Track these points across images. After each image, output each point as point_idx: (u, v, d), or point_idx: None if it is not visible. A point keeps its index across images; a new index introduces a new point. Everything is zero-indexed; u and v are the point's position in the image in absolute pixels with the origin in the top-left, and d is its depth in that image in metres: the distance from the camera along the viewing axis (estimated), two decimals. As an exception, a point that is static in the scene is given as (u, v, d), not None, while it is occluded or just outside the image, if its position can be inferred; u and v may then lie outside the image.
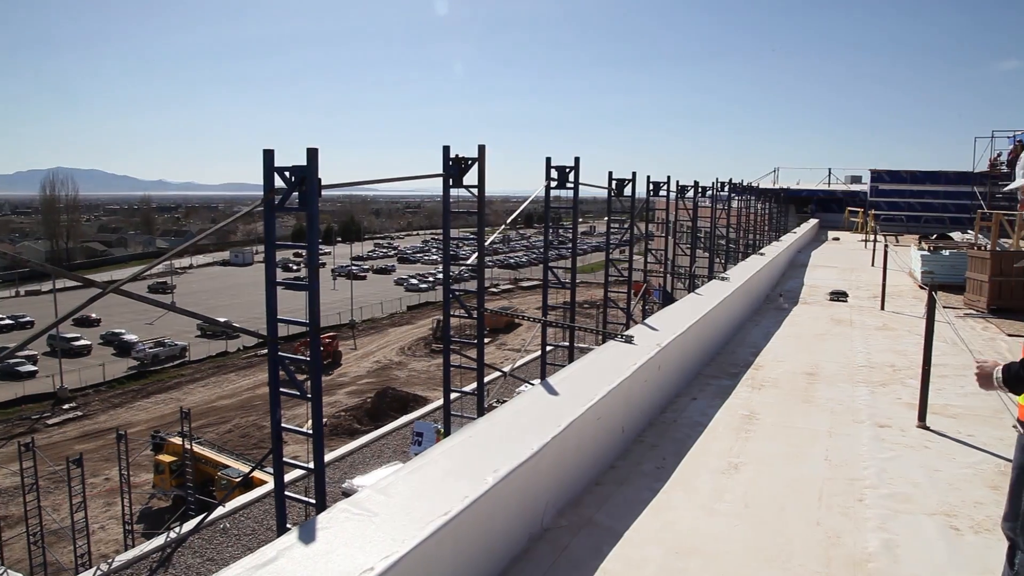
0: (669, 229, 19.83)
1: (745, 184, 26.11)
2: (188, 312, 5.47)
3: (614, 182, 11.58)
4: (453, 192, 7.37)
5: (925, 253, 17.01)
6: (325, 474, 5.28)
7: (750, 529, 4.27)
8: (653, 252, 14.19)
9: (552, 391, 5.09)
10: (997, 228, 22.11)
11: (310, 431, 5.33)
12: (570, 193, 10.19)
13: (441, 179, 7.23)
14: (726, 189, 20.09)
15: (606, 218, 13.92)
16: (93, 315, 55.12)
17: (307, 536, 2.98)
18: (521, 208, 9.46)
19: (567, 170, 9.31)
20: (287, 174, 5.10)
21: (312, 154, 4.99)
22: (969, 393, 7.06)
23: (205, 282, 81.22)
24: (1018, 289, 12.14)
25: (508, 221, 9.36)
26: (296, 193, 5.10)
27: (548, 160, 9.38)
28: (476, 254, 7.21)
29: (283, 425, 5.42)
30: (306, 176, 4.96)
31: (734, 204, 21.20)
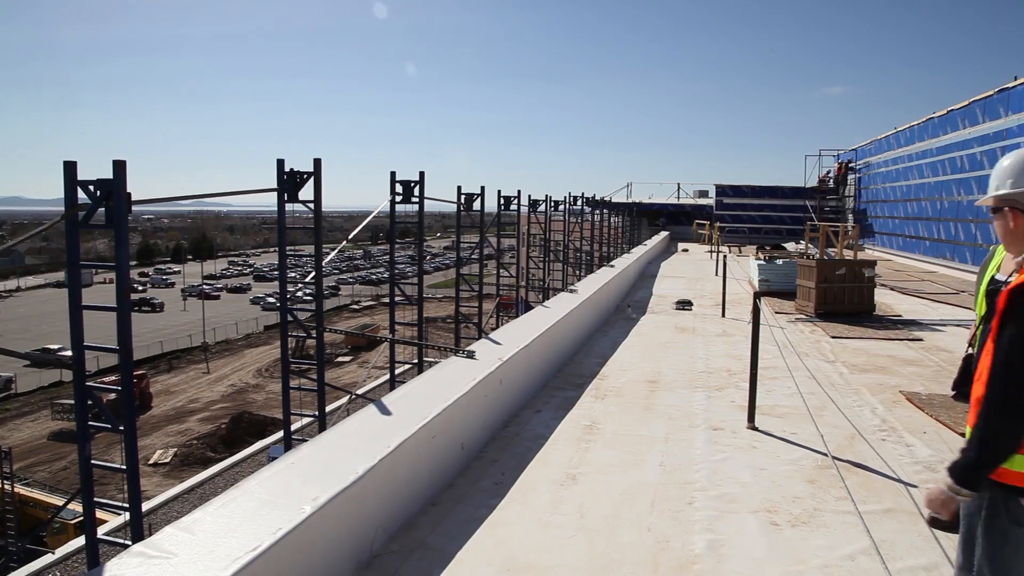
0: (522, 242, 20.10)
1: (600, 198, 26.95)
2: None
3: (463, 196, 11.58)
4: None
5: (761, 262, 18.09)
6: (141, 512, 4.87)
7: (584, 540, 4.27)
8: (504, 266, 14.28)
9: (385, 411, 4.93)
10: (824, 238, 23.95)
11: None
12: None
13: (276, 194, 6.93)
14: (579, 203, 20.62)
15: (489, 232, 13.91)
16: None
17: (88, 588, 2.68)
18: (364, 223, 9.25)
19: (412, 184, 9.19)
20: (91, 188, 4.69)
21: (119, 167, 4.61)
22: (794, 393, 7.46)
23: (36, 306, 74.53)
24: (840, 294, 13.08)
25: (351, 236, 9.12)
26: (104, 209, 4.70)
27: (393, 174, 9.23)
28: (314, 272, 6.94)
29: (93, 461, 4.97)
30: (113, 190, 4.57)
31: (589, 217, 21.78)
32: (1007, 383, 2.35)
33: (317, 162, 7.01)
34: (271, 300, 75.04)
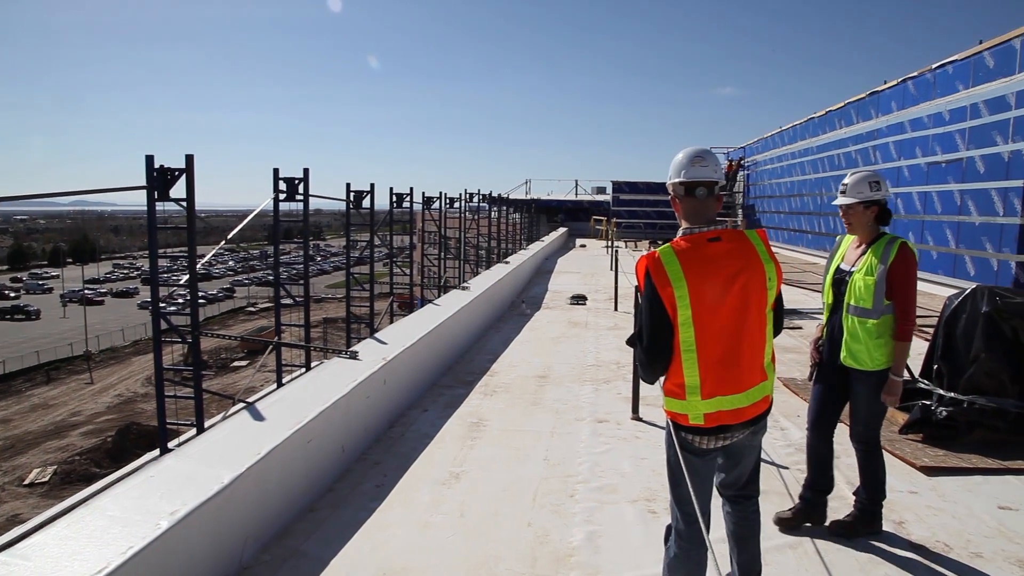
0: (418, 240, 19.96)
1: (498, 195, 27.02)
2: None
3: (352, 194, 11.36)
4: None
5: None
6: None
7: (463, 539, 4.24)
8: (399, 265, 14.11)
9: (258, 416, 4.75)
10: None
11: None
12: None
13: (146, 192, 6.58)
14: (475, 200, 20.61)
15: (390, 231, 13.63)
16: None
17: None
18: (245, 222, 8.92)
19: (296, 182, 8.93)
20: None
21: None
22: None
23: None
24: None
25: (229, 236, 8.77)
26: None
27: (276, 171, 8.95)
28: (189, 275, 6.63)
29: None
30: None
31: (487, 215, 21.82)
32: None
33: (189, 158, 6.70)
34: (161, 304, 71.70)
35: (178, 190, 6.84)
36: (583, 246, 34.53)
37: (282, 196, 9.03)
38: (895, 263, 3.96)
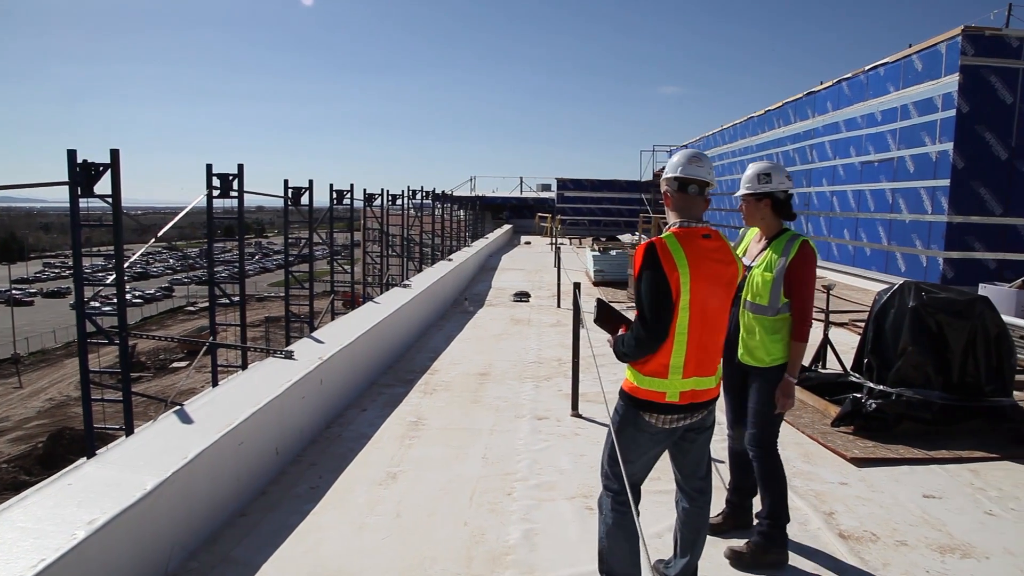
0: (367, 237, 19.72)
1: (443, 192, 26.85)
2: None
3: (291, 190, 11.11)
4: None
5: (596, 253, 18.69)
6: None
7: (398, 539, 4.17)
8: (340, 263, 13.89)
9: (187, 419, 4.61)
10: (656, 229, 25.10)
11: None
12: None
13: (68, 187, 6.31)
14: (418, 197, 20.44)
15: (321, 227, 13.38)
16: None
17: None
18: (175, 220, 8.65)
19: (230, 178, 8.67)
20: None
21: None
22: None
23: None
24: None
25: (160, 234, 8.50)
26: None
27: (209, 167, 8.67)
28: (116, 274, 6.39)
29: None
30: None
31: (433, 211, 21.67)
32: None
33: (114, 153, 6.44)
34: (96, 304, 69.51)
35: (104, 186, 6.58)
36: (528, 243, 34.62)
37: (216, 193, 8.76)
38: (794, 261, 3.82)
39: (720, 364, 3.28)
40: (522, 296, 14.92)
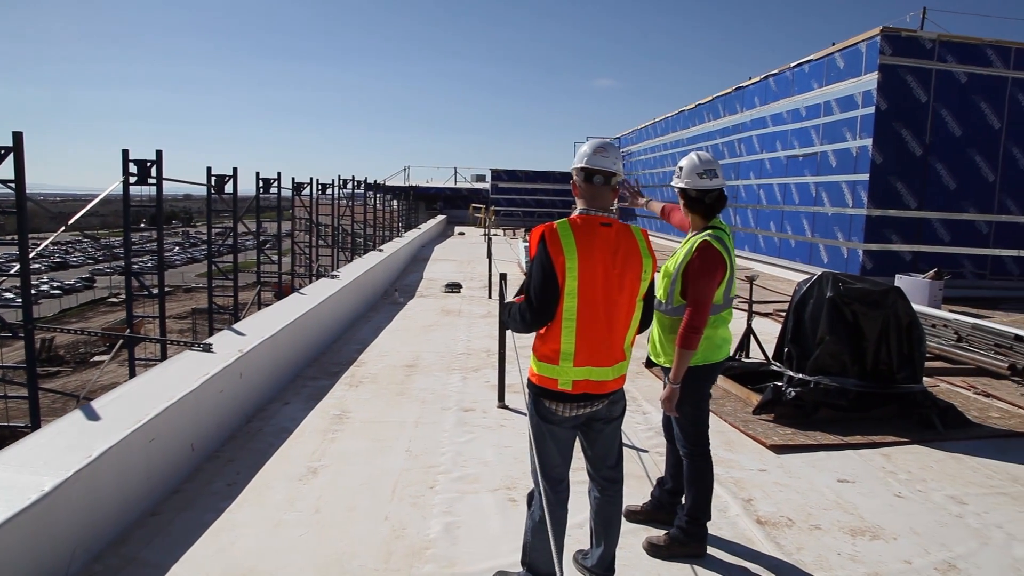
0: (297, 227, 19.33)
1: (375, 181, 26.51)
2: None
3: (214, 178, 10.79)
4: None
5: (526, 244, 18.74)
6: None
7: (316, 536, 4.08)
8: (267, 253, 13.57)
9: (93, 415, 4.40)
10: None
11: None
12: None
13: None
14: (349, 186, 20.14)
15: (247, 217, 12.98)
16: None
17: None
18: (88, 207, 8.29)
19: (148, 164, 8.37)
20: None
21: None
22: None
23: None
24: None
25: (70, 222, 8.11)
26: None
27: (125, 152, 8.35)
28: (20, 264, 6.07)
29: None
30: None
31: (365, 201, 21.37)
32: None
33: (17, 136, 6.13)
34: (8, 295, 66.33)
35: (7, 171, 6.26)
36: (462, 234, 34.51)
37: (134, 180, 8.45)
38: (690, 261, 3.68)
39: (626, 359, 3.21)
40: (453, 287, 14.85)
